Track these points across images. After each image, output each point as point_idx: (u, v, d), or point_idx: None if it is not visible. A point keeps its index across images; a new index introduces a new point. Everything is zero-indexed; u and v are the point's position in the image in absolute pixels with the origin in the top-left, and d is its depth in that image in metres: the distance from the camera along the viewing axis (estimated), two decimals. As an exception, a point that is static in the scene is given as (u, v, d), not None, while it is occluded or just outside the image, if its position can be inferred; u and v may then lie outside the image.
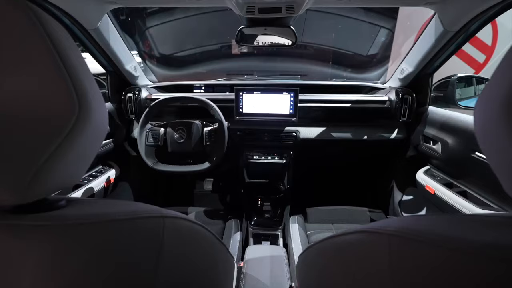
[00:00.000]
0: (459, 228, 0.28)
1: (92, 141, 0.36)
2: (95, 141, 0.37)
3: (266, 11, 0.94)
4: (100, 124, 0.36)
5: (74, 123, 0.29)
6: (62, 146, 0.29)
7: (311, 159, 1.70)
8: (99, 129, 0.36)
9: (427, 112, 1.28)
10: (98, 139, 0.37)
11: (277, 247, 0.90)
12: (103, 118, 0.37)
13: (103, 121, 0.37)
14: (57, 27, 0.31)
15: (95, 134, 0.35)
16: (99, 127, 0.36)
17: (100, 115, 0.35)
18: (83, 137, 0.32)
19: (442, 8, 0.93)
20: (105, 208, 0.36)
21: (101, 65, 1.31)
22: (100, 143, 0.39)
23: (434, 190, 1.12)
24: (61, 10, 0.93)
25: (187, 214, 1.33)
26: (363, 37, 2.48)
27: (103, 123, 0.37)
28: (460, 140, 1.05)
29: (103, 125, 0.37)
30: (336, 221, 1.26)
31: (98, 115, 0.34)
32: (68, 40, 0.32)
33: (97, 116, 0.33)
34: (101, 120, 0.36)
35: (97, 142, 0.38)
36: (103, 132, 0.38)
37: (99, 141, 0.38)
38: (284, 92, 1.29)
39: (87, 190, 1.12)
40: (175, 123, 1.23)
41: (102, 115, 0.36)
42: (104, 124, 0.38)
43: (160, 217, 0.38)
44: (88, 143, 0.34)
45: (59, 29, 0.31)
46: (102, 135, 0.38)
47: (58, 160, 0.30)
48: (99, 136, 0.37)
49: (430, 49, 1.09)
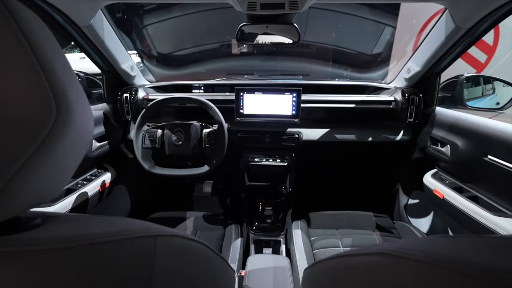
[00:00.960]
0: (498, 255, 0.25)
1: (74, 148, 0.31)
2: (78, 149, 0.33)
3: (268, 7, 0.90)
4: (83, 130, 0.32)
5: (51, 129, 0.26)
6: (37, 155, 0.25)
7: (314, 161, 1.66)
8: (82, 135, 0.32)
9: (434, 113, 1.23)
10: (81, 147, 0.33)
11: (280, 257, 0.85)
12: (87, 123, 0.33)
13: (87, 126, 0.33)
14: (33, 20, 0.27)
15: (77, 141, 0.31)
16: (82, 133, 0.32)
17: (84, 119, 0.31)
18: (63, 144, 0.28)
19: (454, 4, 0.88)
20: (88, 228, 0.32)
21: (96, 64, 1.26)
22: (84, 150, 0.34)
23: (443, 195, 1.08)
24: (51, 6, 0.88)
25: (185, 218, 1.28)
26: (368, 36, 2.43)
27: (87, 129, 0.34)
28: (471, 142, 1.00)
29: (87, 131, 0.33)
30: (341, 226, 1.21)
31: (81, 119, 0.30)
32: (45, 34, 0.28)
33: (79, 120, 0.30)
34: (85, 125, 0.32)
35: (79, 150, 0.34)
36: (87, 138, 0.34)
37: (82, 149, 0.34)
38: (286, 93, 1.25)
39: (80, 195, 1.08)
40: (173, 125, 1.18)
41: (86, 120, 0.32)
42: (88, 130, 0.34)
43: (150, 236, 0.34)
44: (69, 151, 0.30)
45: (36, 22, 0.27)
46: (86, 142, 0.34)
47: (32, 171, 0.26)
48: (83, 143, 0.33)
49: (439, 47, 1.04)
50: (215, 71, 2.51)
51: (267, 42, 1.12)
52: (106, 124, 1.28)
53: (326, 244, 1.12)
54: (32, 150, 0.25)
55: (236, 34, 1.08)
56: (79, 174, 1.16)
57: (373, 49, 2.44)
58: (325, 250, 1.09)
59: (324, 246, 1.11)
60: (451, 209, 1.05)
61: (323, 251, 1.09)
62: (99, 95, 1.42)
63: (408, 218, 1.33)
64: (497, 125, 0.90)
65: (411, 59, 1.25)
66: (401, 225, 1.24)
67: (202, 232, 1.20)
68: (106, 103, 1.35)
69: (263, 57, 2.46)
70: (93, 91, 1.43)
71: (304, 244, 1.09)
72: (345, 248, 1.10)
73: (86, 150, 0.35)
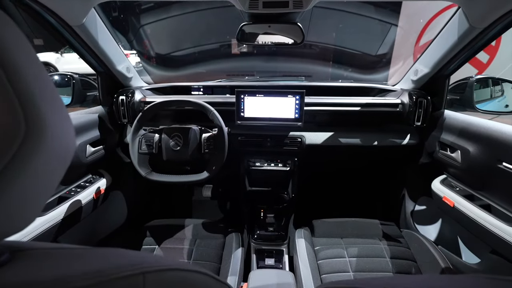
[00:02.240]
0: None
1: (50, 168, 0.27)
2: (56, 168, 0.28)
3: (271, 5, 0.85)
4: (62, 146, 0.27)
5: (20, 147, 0.22)
6: (3, 178, 0.22)
7: (317, 166, 1.61)
8: (60, 152, 0.28)
9: (443, 117, 1.18)
10: (60, 165, 0.29)
11: (284, 272, 0.80)
12: (68, 138, 0.29)
13: (67, 142, 0.29)
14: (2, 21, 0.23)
15: (54, 159, 0.27)
16: (61, 149, 0.27)
17: (62, 134, 0.27)
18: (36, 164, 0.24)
19: (469, 2, 0.83)
20: (66, 267, 0.27)
21: (91, 65, 1.21)
22: (63, 169, 0.30)
23: (453, 203, 1.03)
24: (40, 4, 0.83)
25: (184, 226, 1.23)
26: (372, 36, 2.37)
27: (67, 144, 0.29)
28: (484, 148, 0.95)
29: (67, 147, 0.29)
30: (346, 235, 1.16)
31: (59, 134, 0.26)
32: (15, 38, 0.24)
33: (57, 135, 0.26)
34: (64, 140, 0.28)
35: (58, 169, 0.29)
36: (67, 154, 0.30)
37: (61, 167, 0.29)
38: (289, 95, 1.20)
39: (73, 204, 1.02)
40: (171, 129, 1.13)
41: (65, 134, 0.28)
42: (69, 146, 0.29)
43: (138, 274, 0.29)
44: (45, 171, 0.26)
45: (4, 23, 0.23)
46: (65, 159, 0.30)
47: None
48: (62, 160, 0.29)
49: (451, 48, 0.99)
50: (215, 72, 2.46)
51: (269, 42, 1.07)
52: (102, 128, 1.23)
53: (330, 254, 1.07)
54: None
55: (237, 34, 1.03)
56: (72, 181, 1.11)
57: (378, 50, 2.39)
58: (330, 261, 1.04)
59: (329, 256, 1.06)
60: (462, 218, 1.00)
61: (328, 262, 1.04)
62: (94, 97, 1.36)
63: (415, 225, 1.28)
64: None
65: (419, 60, 1.20)
66: (408, 233, 1.19)
67: (201, 241, 1.15)
68: (102, 106, 1.30)
69: (264, 58, 2.41)
70: (88, 93, 1.38)
71: (308, 255, 1.04)
72: (350, 258, 1.05)
73: (65, 169, 0.30)
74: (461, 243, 1.09)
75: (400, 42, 2.57)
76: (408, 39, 2.48)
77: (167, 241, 1.16)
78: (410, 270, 1.01)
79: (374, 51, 2.40)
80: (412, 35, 2.53)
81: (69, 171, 0.30)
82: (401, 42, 2.57)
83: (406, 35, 2.47)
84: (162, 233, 1.19)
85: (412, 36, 2.56)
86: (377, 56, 2.37)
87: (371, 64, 2.33)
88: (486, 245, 0.94)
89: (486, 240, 0.92)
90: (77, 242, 1.15)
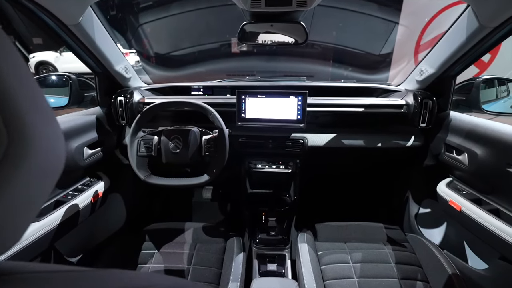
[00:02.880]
0: None
1: (36, 181, 0.24)
2: (43, 181, 0.26)
3: (273, 3, 0.82)
4: (49, 157, 0.25)
5: (1, 159, 0.20)
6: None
7: (320, 168, 1.58)
8: (48, 164, 0.25)
9: (449, 118, 1.15)
10: (48, 177, 0.26)
11: (288, 280, 0.78)
12: (57, 147, 0.26)
13: (56, 152, 0.26)
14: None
15: (41, 171, 0.24)
16: (48, 160, 0.25)
17: (50, 143, 0.25)
18: (20, 177, 0.22)
19: (479, 0, 0.80)
20: None
21: (88, 66, 1.18)
22: (53, 181, 0.27)
23: (460, 207, 1.00)
24: (35, 3, 0.80)
25: (184, 230, 1.21)
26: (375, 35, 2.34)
27: (56, 155, 0.26)
28: (492, 151, 0.92)
29: (55, 157, 0.26)
30: (349, 239, 1.14)
31: (45, 144, 0.24)
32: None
33: (43, 146, 0.23)
34: (53, 150, 0.25)
35: (46, 183, 0.26)
36: (57, 165, 0.27)
37: (49, 180, 0.27)
38: (291, 96, 1.17)
39: (70, 208, 1.00)
40: (170, 131, 1.10)
41: (53, 144, 0.25)
42: (58, 156, 0.27)
43: None
44: (30, 184, 0.24)
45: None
46: (55, 171, 0.27)
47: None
48: (50, 173, 0.26)
49: (459, 47, 0.96)
50: (215, 71, 2.43)
51: (272, 42, 1.04)
52: (100, 130, 1.20)
53: (334, 259, 1.04)
54: None
55: (238, 33, 1.00)
56: (69, 185, 1.08)
57: (381, 49, 2.35)
58: (333, 266, 1.01)
59: (332, 261, 1.03)
60: (469, 222, 0.97)
61: (331, 267, 1.01)
62: (92, 98, 1.33)
63: (420, 229, 1.26)
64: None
65: (425, 60, 1.17)
66: (413, 237, 1.16)
67: (202, 245, 1.13)
68: (100, 107, 1.27)
69: (265, 57, 2.38)
70: (86, 93, 1.35)
71: (311, 260, 1.01)
72: (354, 264, 1.03)
73: (55, 180, 0.27)
74: (468, 248, 1.07)
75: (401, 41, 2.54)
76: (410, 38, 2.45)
77: (166, 245, 1.14)
78: (416, 276, 0.99)
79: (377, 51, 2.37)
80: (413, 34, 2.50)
81: (66, 174, 0.28)
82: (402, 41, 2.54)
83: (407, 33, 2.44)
84: (161, 237, 1.17)
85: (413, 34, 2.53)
86: (381, 55, 2.34)
87: (374, 64, 2.30)
88: (494, 251, 0.92)
89: (495, 246, 0.89)
90: (75, 247, 1.13)
